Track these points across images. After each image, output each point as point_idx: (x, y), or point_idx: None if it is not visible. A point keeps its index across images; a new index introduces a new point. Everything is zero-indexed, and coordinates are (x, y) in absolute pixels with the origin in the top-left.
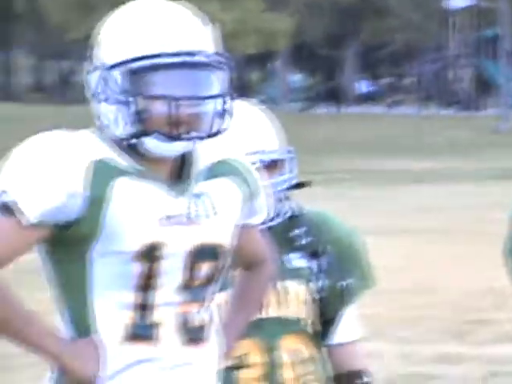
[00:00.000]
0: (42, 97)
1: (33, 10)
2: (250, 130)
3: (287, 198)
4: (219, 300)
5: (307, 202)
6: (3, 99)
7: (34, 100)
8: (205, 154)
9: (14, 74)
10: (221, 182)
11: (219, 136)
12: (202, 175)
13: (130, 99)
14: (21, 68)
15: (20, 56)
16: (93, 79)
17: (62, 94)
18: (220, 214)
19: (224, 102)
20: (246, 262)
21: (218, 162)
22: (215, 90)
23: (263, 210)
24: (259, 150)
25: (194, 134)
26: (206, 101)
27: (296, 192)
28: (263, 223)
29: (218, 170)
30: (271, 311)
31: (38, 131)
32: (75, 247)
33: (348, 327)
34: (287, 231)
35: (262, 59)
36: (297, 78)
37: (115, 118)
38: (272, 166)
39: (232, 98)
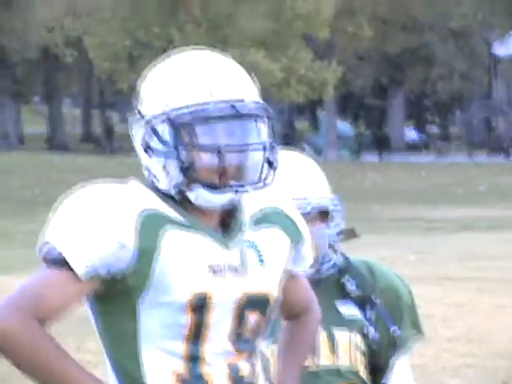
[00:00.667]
0: (90, 147)
1: (80, 60)
2: (298, 178)
3: (335, 247)
4: (265, 349)
5: (355, 250)
6: (52, 149)
7: (83, 150)
8: (252, 202)
9: (62, 124)
10: (269, 230)
11: (265, 188)
12: (250, 224)
13: (177, 150)
14: (68, 118)
15: (67, 106)
16: (139, 131)
17: (109, 143)
18: (268, 263)
19: (269, 152)
20: (292, 310)
21: (266, 210)
22: (260, 140)
23: (308, 258)
24: (307, 197)
25: (239, 184)
26: (252, 151)
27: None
28: (313, 269)
29: (265, 218)
30: (324, 361)
31: (87, 181)
32: (124, 298)
33: (400, 378)
34: (335, 280)
35: (309, 108)
36: (345, 127)
37: (162, 169)
38: (320, 214)
39: (276, 148)
